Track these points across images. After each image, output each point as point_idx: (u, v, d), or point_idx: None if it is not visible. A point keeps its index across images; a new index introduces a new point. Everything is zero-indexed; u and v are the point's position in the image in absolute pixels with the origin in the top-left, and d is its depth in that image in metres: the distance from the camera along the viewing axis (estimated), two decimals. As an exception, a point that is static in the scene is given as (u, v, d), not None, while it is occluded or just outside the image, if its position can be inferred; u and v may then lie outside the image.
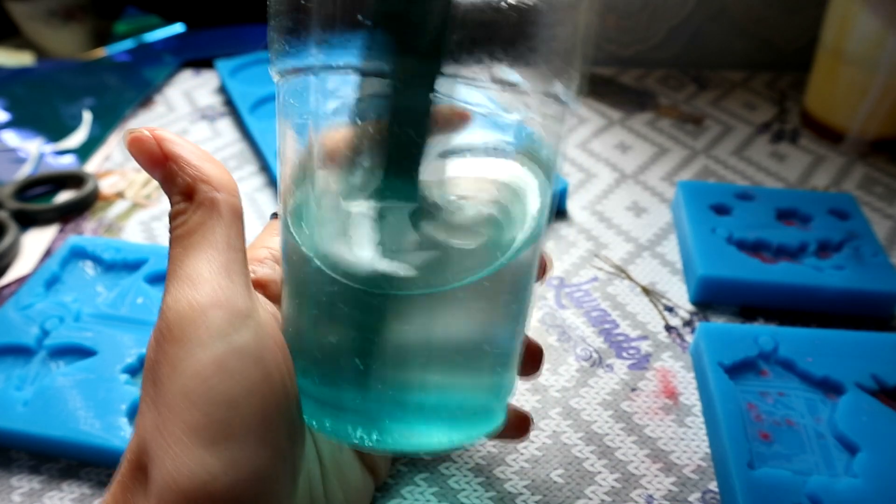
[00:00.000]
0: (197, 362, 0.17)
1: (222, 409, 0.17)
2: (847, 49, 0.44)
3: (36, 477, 0.28)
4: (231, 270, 0.19)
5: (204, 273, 0.18)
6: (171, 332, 0.18)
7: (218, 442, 0.17)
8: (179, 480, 0.17)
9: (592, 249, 0.39)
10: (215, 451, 0.17)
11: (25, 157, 0.48)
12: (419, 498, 0.27)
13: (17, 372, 0.30)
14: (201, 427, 0.17)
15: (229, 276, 0.18)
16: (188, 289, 0.18)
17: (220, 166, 0.20)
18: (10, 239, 0.39)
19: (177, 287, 0.18)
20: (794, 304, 0.34)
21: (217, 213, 0.19)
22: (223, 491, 0.17)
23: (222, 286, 0.18)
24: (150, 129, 0.20)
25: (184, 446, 0.17)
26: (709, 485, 0.27)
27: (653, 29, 0.55)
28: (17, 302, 0.33)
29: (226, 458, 0.17)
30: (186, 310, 0.18)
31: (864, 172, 0.45)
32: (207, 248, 0.19)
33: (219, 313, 0.18)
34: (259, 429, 0.18)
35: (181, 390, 0.17)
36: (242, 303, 0.18)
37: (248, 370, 0.18)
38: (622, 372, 0.32)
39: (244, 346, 0.18)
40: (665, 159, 0.47)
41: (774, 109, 0.52)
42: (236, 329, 0.18)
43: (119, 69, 0.60)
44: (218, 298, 0.18)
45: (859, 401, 0.28)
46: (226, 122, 0.52)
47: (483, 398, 0.20)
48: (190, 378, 0.17)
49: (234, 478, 0.17)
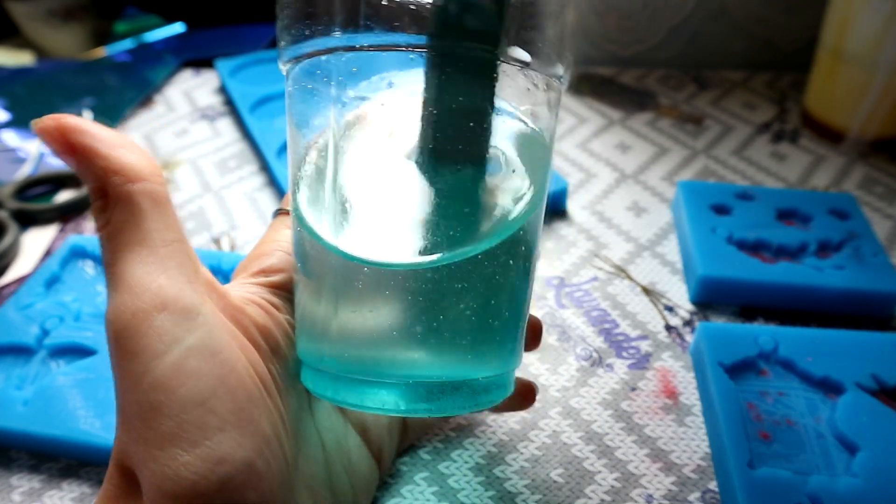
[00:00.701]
0: (156, 373, 0.17)
1: (193, 412, 0.17)
2: (847, 49, 0.44)
3: (36, 476, 0.28)
4: (167, 267, 0.18)
5: (140, 276, 0.17)
6: (122, 347, 0.17)
7: (197, 443, 0.17)
8: (166, 486, 0.16)
9: (592, 249, 0.39)
10: (197, 452, 0.17)
11: (25, 157, 0.48)
12: (419, 497, 0.27)
13: (17, 371, 0.30)
14: (176, 433, 0.17)
15: (166, 274, 0.18)
16: (127, 296, 0.17)
17: (136, 149, 0.19)
18: (10, 239, 0.39)
19: (116, 295, 0.17)
20: (794, 304, 0.34)
21: (136, 207, 0.18)
22: (215, 488, 0.17)
23: (162, 286, 0.17)
24: (56, 117, 0.18)
25: (163, 454, 0.17)
26: (709, 484, 0.27)
27: (653, 29, 0.55)
28: (17, 301, 0.34)
29: (209, 457, 0.17)
30: (131, 320, 0.17)
31: (864, 172, 0.45)
32: (136, 248, 0.18)
33: (165, 317, 0.17)
34: (235, 421, 0.17)
35: (148, 402, 0.17)
36: (187, 299, 0.18)
37: (208, 367, 0.17)
38: (622, 371, 0.32)
39: (199, 345, 0.17)
40: (665, 159, 0.47)
41: (774, 109, 0.52)
42: (187, 329, 0.17)
43: (119, 69, 0.60)
44: (160, 301, 0.17)
45: (859, 400, 0.28)
46: (226, 122, 0.52)
47: (498, 364, 0.21)
48: (152, 390, 0.17)
49: (222, 473, 0.17)
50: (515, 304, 0.21)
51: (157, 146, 0.49)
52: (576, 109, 0.52)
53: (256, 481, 0.18)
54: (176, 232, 0.19)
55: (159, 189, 0.18)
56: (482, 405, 0.21)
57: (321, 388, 0.20)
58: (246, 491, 0.17)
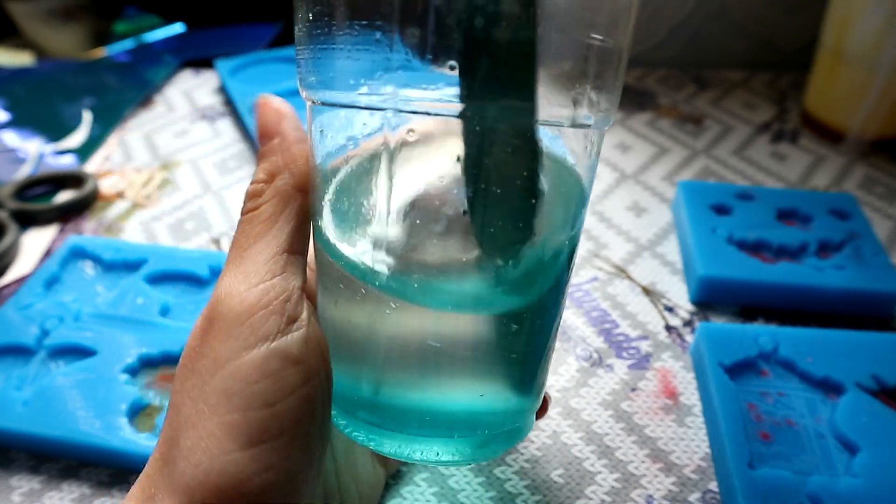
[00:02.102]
0: (240, 363, 0.17)
1: (260, 411, 0.17)
2: (847, 49, 0.44)
3: (36, 477, 0.28)
4: (288, 272, 0.19)
5: (261, 270, 0.18)
6: (219, 327, 0.18)
7: (254, 443, 0.17)
8: (212, 477, 0.17)
9: (592, 249, 0.39)
10: (251, 452, 0.17)
11: (25, 157, 0.48)
12: (419, 498, 0.27)
13: (16, 372, 0.30)
14: (239, 427, 0.17)
15: (286, 279, 0.18)
16: (243, 284, 0.18)
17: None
18: (10, 239, 0.39)
19: (232, 278, 0.18)
20: (795, 304, 0.34)
21: (290, 208, 0.19)
22: (255, 492, 0.17)
23: (276, 288, 0.18)
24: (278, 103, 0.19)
25: (219, 444, 0.17)
26: (709, 485, 0.27)
27: (653, 29, 0.55)
28: (16, 302, 0.33)
29: (260, 460, 0.17)
30: (237, 307, 0.18)
31: (864, 172, 0.45)
32: (271, 244, 0.19)
33: (268, 316, 0.18)
34: (294, 431, 0.18)
35: (222, 388, 0.17)
36: (292, 307, 0.18)
37: (288, 373, 0.18)
38: (622, 372, 0.32)
39: (287, 349, 0.18)
40: (665, 159, 0.46)
41: (774, 109, 0.52)
42: (282, 332, 0.18)
43: (119, 69, 0.60)
44: (269, 300, 0.18)
45: (859, 401, 0.28)
46: (226, 123, 0.52)
47: (514, 416, 0.21)
48: (231, 377, 0.17)
49: (266, 479, 0.17)
50: (534, 356, 0.20)
51: (156, 146, 0.49)
52: (576, 109, 0.52)
53: (293, 494, 0.18)
54: (304, 245, 0.20)
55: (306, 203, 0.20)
56: (496, 454, 0.21)
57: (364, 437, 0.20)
58: (282, 500, 0.17)
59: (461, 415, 0.19)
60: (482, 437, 0.20)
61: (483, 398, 0.19)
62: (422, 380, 0.19)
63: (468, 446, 0.20)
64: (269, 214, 0.19)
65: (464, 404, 0.19)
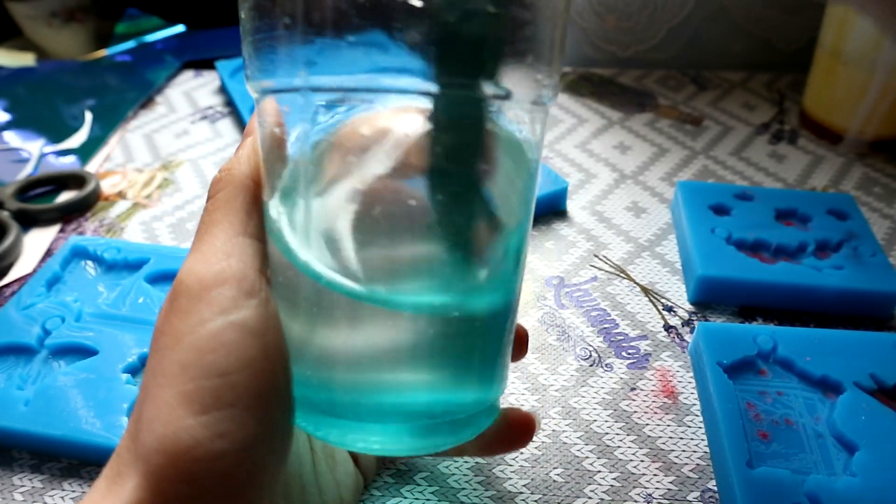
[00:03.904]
0: (197, 336, 0.18)
1: (214, 380, 0.18)
2: (846, 50, 0.44)
3: (37, 476, 0.28)
4: (244, 254, 0.19)
5: (218, 252, 0.19)
6: (177, 305, 0.18)
7: (207, 410, 0.17)
8: (166, 444, 0.17)
9: (592, 249, 0.39)
10: (204, 419, 0.17)
11: (27, 158, 0.49)
12: (419, 497, 0.27)
13: (18, 371, 0.31)
14: (192, 395, 0.17)
15: (241, 259, 0.19)
16: (200, 264, 0.19)
17: None
18: (12, 239, 0.39)
19: (191, 260, 0.19)
20: (793, 303, 0.35)
21: (243, 195, 0.20)
22: (209, 458, 0.17)
23: (232, 265, 0.19)
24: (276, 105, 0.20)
25: (173, 411, 0.17)
26: (708, 484, 0.27)
27: (652, 29, 0.55)
28: (18, 302, 0.34)
29: (213, 427, 0.17)
30: (195, 286, 0.18)
31: (862, 172, 0.45)
32: (227, 229, 0.20)
33: (224, 291, 0.18)
34: (250, 402, 0.18)
35: (178, 361, 0.18)
36: (249, 283, 0.19)
37: (245, 344, 0.18)
38: (621, 371, 0.32)
39: (244, 322, 0.18)
40: (664, 159, 0.47)
41: (773, 110, 0.52)
42: (239, 307, 0.18)
43: (120, 70, 0.60)
44: (226, 277, 0.19)
45: (858, 400, 0.28)
46: (226, 123, 0.52)
47: (475, 403, 0.21)
48: (187, 350, 0.18)
49: (220, 447, 0.17)
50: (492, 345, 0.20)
51: (158, 147, 0.50)
52: (575, 110, 0.52)
53: (250, 466, 0.18)
54: (260, 231, 0.20)
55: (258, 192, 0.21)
56: (465, 439, 0.20)
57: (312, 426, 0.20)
58: (238, 471, 0.18)
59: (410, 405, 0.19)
60: (428, 425, 0.20)
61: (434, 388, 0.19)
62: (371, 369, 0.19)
63: (410, 436, 0.20)
64: (225, 201, 0.20)
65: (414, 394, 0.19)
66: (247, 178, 0.20)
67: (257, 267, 0.20)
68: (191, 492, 0.17)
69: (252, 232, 0.20)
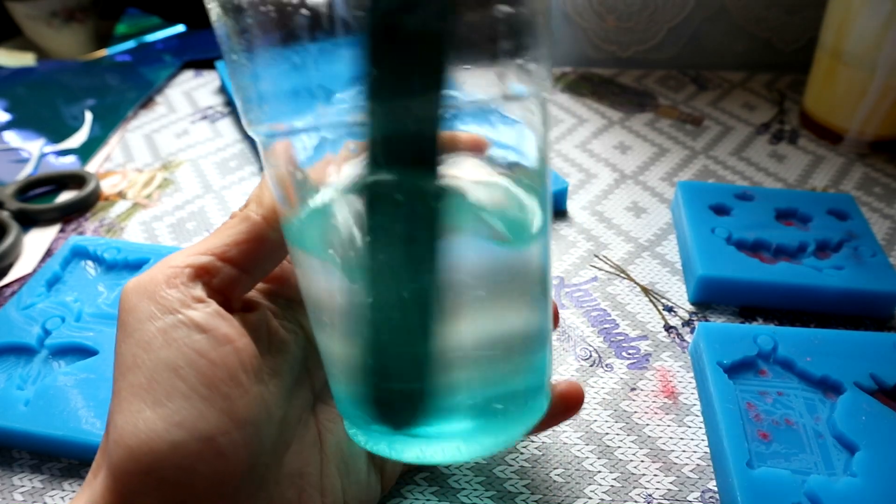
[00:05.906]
0: (144, 332, 0.19)
1: (164, 373, 0.18)
2: (846, 50, 0.44)
3: (37, 476, 0.28)
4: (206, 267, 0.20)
5: (179, 261, 0.20)
6: (128, 304, 0.20)
7: (160, 402, 0.18)
8: (125, 437, 0.18)
9: (592, 249, 0.39)
10: (158, 411, 0.18)
11: (27, 158, 0.49)
12: (419, 497, 0.27)
13: (18, 371, 0.31)
14: (144, 388, 0.18)
15: (190, 260, 0.20)
16: (158, 269, 0.20)
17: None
18: (12, 239, 0.39)
19: (154, 267, 0.20)
20: (794, 304, 0.35)
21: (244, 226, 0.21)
22: (166, 449, 0.17)
23: (184, 275, 0.20)
24: None
25: (130, 405, 0.18)
26: (708, 484, 0.27)
27: (652, 29, 0.55)
28: (18, 302, 0.34)
29: (168, 418, 0.18)
30: (147, 285, 0.20)
31: (862, 173, 0.45)
32: (200, 246, 0.21)
33: (173, 291, 0.19)
34: (206, 394, 0.18)
35: (130, 356, 0.19)
36: (199, 292, 0.20)
37: (192, 340, 0.19)
38: (622, 371, 0.32)
39: (191, 320, 0.19)
40: (665, 159, 0.47)
41: (774, 110, 0.52)
42: (187, 306, 0.19)
43: (120, 70, 0.60)
44: (175, 283, 0.20)
45: (858, 400, 0.28)
46: (226, 123, 0.52)
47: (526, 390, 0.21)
48: (137, 346, 0.19)
49: (176, 437, 0.18)
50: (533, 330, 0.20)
51: (158, 147, 0.50)
52: (575, 110, 0.52)
53: (212, 457, 0.18)
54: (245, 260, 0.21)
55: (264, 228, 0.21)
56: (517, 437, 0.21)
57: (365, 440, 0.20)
58: (199, 462, 0.18)
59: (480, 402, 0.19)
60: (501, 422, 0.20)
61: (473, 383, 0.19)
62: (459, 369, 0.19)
63: (488, 436, 0.20)
64: (222, 229, 0.21)
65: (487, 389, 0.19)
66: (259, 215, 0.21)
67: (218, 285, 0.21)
68: (150, 481, 0.18)
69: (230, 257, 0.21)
